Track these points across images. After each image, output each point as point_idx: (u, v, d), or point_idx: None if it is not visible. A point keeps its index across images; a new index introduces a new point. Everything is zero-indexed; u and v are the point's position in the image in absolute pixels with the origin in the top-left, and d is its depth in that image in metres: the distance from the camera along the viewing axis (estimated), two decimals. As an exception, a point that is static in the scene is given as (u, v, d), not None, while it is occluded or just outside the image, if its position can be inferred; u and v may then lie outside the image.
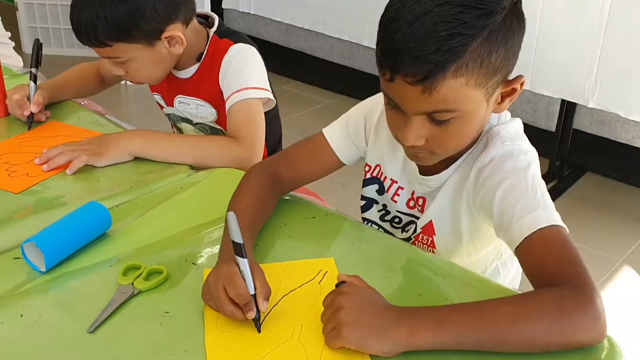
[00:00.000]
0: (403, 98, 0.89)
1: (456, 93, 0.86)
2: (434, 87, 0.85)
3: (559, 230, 0.89)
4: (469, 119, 0.91)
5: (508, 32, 0.88)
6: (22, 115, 1.40)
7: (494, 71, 0.88)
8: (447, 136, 0.92)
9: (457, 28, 0.83)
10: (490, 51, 0.86)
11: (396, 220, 1.14)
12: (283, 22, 3.42)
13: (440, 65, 0.84)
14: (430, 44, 0.83)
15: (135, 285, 0.93)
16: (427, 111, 0.89)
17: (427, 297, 0.92)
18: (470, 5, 0.84)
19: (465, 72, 0.85)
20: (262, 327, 0.85)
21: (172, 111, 1.52)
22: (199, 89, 1.44)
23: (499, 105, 0.96)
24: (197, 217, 1.11)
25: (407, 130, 0.91)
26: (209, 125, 1.48)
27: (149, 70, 1.37)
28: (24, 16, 3.90)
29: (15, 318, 0.88)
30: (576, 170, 2.83)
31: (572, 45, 2.45)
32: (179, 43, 1.34)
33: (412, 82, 0.85)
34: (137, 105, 3.37)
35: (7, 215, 1.11)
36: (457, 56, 0.84)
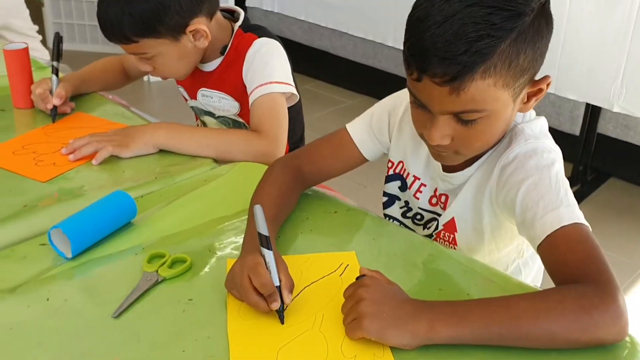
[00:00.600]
0: (430, 98, 0.89)
1: (484, 94, 0.87)
2: (462, 88, 0.85)
3: (581, 228, 0.88)
4: (495, 119, 0.92)
5: (536, 33, 0.88)
6: (45, 108, 1.43)
7: (521, 72, 0.88)
8: (473, 136, 0.93)
9: (486, 29, 0.83)
10: (518, 52, 0.86)
11: (418, 217, 1.15)
12: (307, 21, 3.43)
13: (469, 67, 0.84)
14: (459, 45, 0.83)
15: (159, 272, 0.95)
16: (454, 111, 0.89)
17: (448, 292, 0.93)
18: (499, 7, 0.84)
19: (493, 73, 0.85)
20: (284, 317, 0.86)
21: (195, 104, 1.54)
22: (222, 82, 1.45)
23: (525, 105, 0.96)
24: (220, 208, 1.12)
25: (433, 130, 0.92)
26: (232, 119, 1.49)
27: (176, 64, 1.39)
28: (49, 12, 3.96)
29: (42, 302, 0.90)
30: (600, 175, 2.81)
31: (598, 49, 2.43)
32: (203, 36, 1.35)
33: (440, 83, 0.86)
34: (160, 101, 3.40)
35: (34, 202, 1.13)
36: (485, 57, 0.84)
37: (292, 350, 0.81)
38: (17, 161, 1.26)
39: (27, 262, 0.98)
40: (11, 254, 1.00)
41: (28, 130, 1.39)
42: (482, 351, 0.80)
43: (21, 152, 1.30)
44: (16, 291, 0.92)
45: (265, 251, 0.87)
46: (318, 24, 3.39)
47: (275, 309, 0.85)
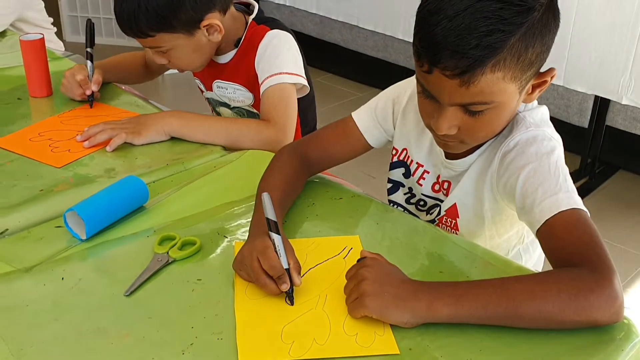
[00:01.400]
0: (440, 90, 0.92)
1: (493, 86, 0.89)
2: (472, 81, 0.88)
3: (579, 214, 0.91)
4: (501, 110, 0.94)
5: (544, 27, 0.90)
6: (81, 94, 1.45)
7: (529, 65, 0.91)
8: (479, 126, 0.95)
9: (497, 24, 0.85)
10: (527, 46, 0.88)
11: (421, 203, 1.17)
12: (318, 14, 3.45)
13: (479, 61, 0.86)
14: (470, 40, 0.85)
15: (170, 254, 0.98)
16: (462, 103, 0.92)
17: (448, 275, 0.96)
18: (510, 2, 0.86)
19: (502, 66, 0.88)
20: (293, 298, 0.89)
21: (211, 95, 1.57)
22: (237, 74, 1.48)
23: (529, 96, 0.98)
24: (229, 194, 1.15)
25: (441, 120, 0.94)
26: (246, 109, 1.52)
27: (190, 58, 1.42)
28: (65, 5, 4.01)
29: (57, 281, 0.94)
30: (608, 168, 2.81)
31: (607, 41, 2.44)
32: (217, 31, 1.38)
33: (451, 76, 0.88)
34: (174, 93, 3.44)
35: (50, 187, 1.17)
36: (496, 52, 0.86)
37: (296, 328, 0.85)
38: (34, 147, 1.31)
39: (44, 243, 1.02)
40: (28, 235, 1.04)
41: (44, 118, 1.43)
42: (479, 330, 0.83)
43: (37, 139, 1.34)
44: (33, 270, 0.96)
45: (274, 235, 0.91)
46: (329, 16, 3.41)
47: (285, 290, 0.88)
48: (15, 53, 1.66)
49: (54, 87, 1.54)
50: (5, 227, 1.05)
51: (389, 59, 3.25)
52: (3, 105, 1.49)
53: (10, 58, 1.73)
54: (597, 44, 2.46)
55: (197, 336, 0.83)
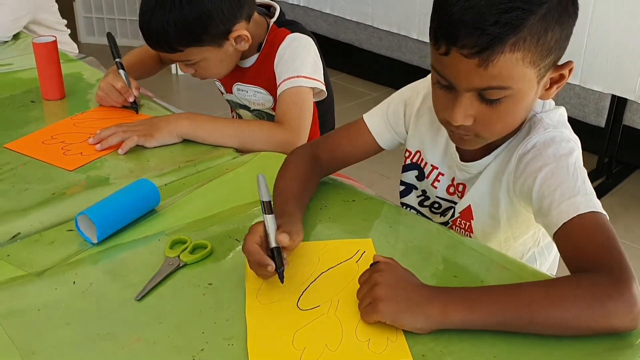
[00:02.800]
0: (457, 73, 0.89)
1: (511, 69, 0.86)
2: (491, 60, 0.85)
3: (598, 217, 0.89)
4: (519, 99, 0.91)
5: (564, 12, 0.88)
6: (123, 102, 1.45)
7: (548, 51, 0.88)
8: (495, 116, 0.92)
9: (516, 2, 0.83)
10: (547, 29, 0.86)
11: (435, 205, 1.16)
12: (332, 15, 3.44)
13: (499, 38, 0.84)
14: (489, 17, 0.83)
15: (181, 258, 0.97)
16: (480, 87, 0.89)
17: (463, 279, 0.94)
18: None
19: (522, 47, 0.85)
20: (300, 300, 0.89)
21: (231, 98, 1.57)
22: (257, 77, 1.48)
23: (547, 92, 0.96)
24: (240, 197, 1.14)
25: (456, 109, 0.91)
26: (266, 112, 1.52)
27: (218, 68, 1.42)
28: (80, 6, 4.03)
29: (69, 284, 0.94)
30: (625, 168, 2.78)
31: (624, 40, 2.40)
32: (244, 40, 1.38)
33: (469, 55, 0.85)
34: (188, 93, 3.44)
35: (62, 190, 1.17)
36: (515, 30, 0.84)
37: (307, 333, 0.84)
38: (46, 150, 1.31)
39: (55, 246, 1.02)
40: (40, 239, 1.04)
41: (57, 121, 1.43)
42: (493, 337, 0.81)
43: (50, 141, 1.34)
44: (44, 274, 0.96)
45: (266, 216, 0.92)
46: (343, 17, 3.39)
47: (271, 271, 0.89)
48: (28, 55, 1.67)
49: (67, 90, 1.54)
50: (18, 230, 1.05)
51: (403, 59, 3.23)
52: (16, 107, 1.50)
53: (24, 60, 1.74)
54: (614, 43, 2.43)
55: (207, 341, 0.83)
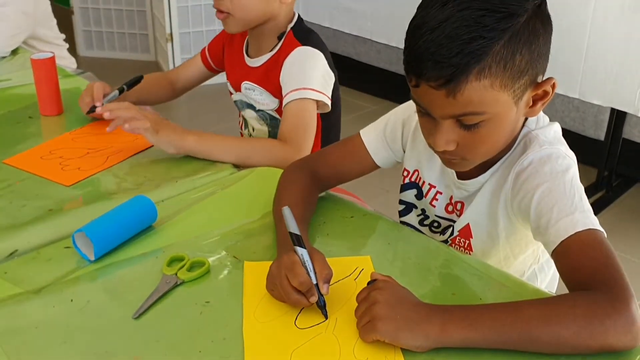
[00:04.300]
0: (430, 103, 0.91)
1: (481, 95, 0.87)
2: (458, 90, 0.86)
3: (596, 234, 0.89)
4: (498, 122, 0.92)
5: (532, 34, 0.88)
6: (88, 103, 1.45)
7: (519, 73, 0.89)
8: (478, 140, 0.93)
9: (478, 31, 0.84)
10: (513, 53, 0.87)
11: (435, 224, 1.16)
12: (331, 28, 3.45)
13: (462, 68, 0.85)
14: (452, 48, 0.84)
15: (178, 275, 0.97)
16: (454, 114, 0.90)
17: (461, 297, 0.94)
18: (491, 9, 0.85)
19: (488, 74, 0.86)
20: (297, 318, 0.88)
21: (239, 97, 1.57)
22: (264, 79, 1.49)
23: (532, 109, 0.96)
24: (238, 213, 1.14)
25: (438, 136, 0.93)
26: (269, 114, 1.52)
27: (253, 3, 1.40)
28: (79, 20, 4.05)
29: (66, 302, 0.93)
30: (625, 181, 2.78)
31: (623, 54, 2.41)
32: None
33: (436, 87, 0.87)
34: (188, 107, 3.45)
35: (59, 206, 1.17)
36: (479, 59, 0.85)
37: (305, 352, 0.83)
38: (45, 166, 1.31)
39: (52, 264, 1.02)
40: (37, 256, 1.04)
41: (55, 137, 1.43)
42: (492, 355, 0.81)
43: (48, 157, 1.34)
44: (42, 292, 0.95)
45: (299, 249, 0.90)
46: (342, 30, 3.41)
47: (314, 302, 0.88)
48: (26, 71, 1.67)
49: (64, 105, 1.54)
50: (15, 247, 1.05)
51: (401, 72, 3.20)
52: (14, 123, 1.50)
53: (22, 76, 1.74)
54: (613, 56, 2.43)
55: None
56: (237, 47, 1.56)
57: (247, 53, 1.53)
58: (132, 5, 3.98)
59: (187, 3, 3.60)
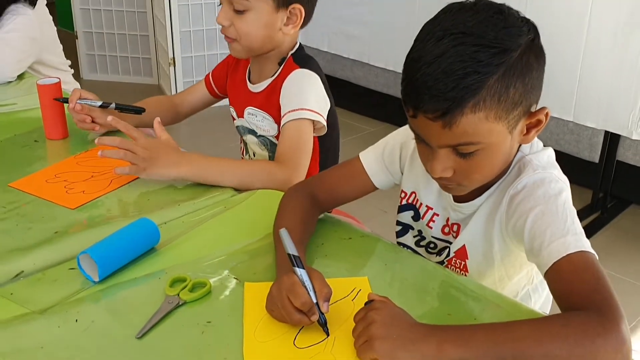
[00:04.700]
0: (427, 132, 0.95)
1: (476, 127, 0.91)
2: (454, 122, 0.90)
3: (587, 256, 0.91)
4: (493, 151, 0.96)
5: (525, 67, 0.92)
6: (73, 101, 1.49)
7: (513, 105, 0.93)
8: (473, 167, 0.97)
9: (473, 66, 0.88)
10: (507, 86, 0.91)
11: (431, 245, 1.18)
12: (329, 52, 3.51)
13: (457, 102, 0.89)
14: (448, 82, 0.88)
15: (180, 296, 1.00)
16: (450, 144, 0.94)
17: (456, 317, 0.96)
18: (486, 45, 0.89)
19: (483, 107, 0.90)
20: (297, 338, 0.91)
21: (241, 122, 1.60)
22: (266, 104, 1.52)
23: (526, 137, 1.00)
24: (239, 234, 1.17)
25: (434, 163, 0.97)
26: (270, 140, 1.55)
27: (257, 29, 1.42)
28: (83, 44, 4.10)
29: (71, 322, 0.96)
30: (620, 203, 2.81)
31: (616, 77, 2.45)
32: (292, 24, 1.43)
33: (433, 118, 0.91)
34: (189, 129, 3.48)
35: (64, 229, 1.20)
36: (473, 93, 0.89)
37: (304, 371, 0.85)
38: (50, 189, 1.33)
39: (58, 285, 1.04)
40: (43, 277, 1.06)
41: (60, 160, 1.46)
42: (486, 373, 0.83)
43: (54, 180, 1.37)
44: (47, 312, 0.98)
45: (298, 270, 0.92)
46: (340, 54, 3.47)
47: (315, 320, 0.90)
48: (32, 95, 1.70)
49: (69, 129, 1.57)
50: (21, 269, 1.07)
51: (399, 95, 3.25)
52: (20, 147, 1.53)
53: (27, 100, 1.77)
54: (606, 79, 2.48)
55: (206, 379, 0.84)
56: (241, 74, 1.60)
57: (249, 79, 1.57)
58: (135, 30, 4.04)
59: (189, 28, 3.66)
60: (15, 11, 2.02)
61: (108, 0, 3.98)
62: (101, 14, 4.02)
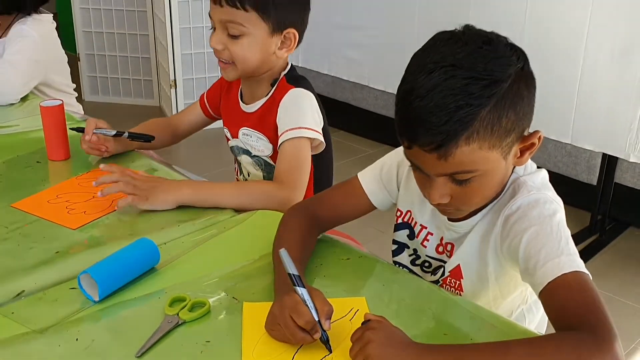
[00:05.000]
0: (423, 163, 0.97)
1: (471, 156, 0.93)
2: (449, 154, 0.92)
3: (581, 276, 0.93)
4: (489, 176, 0.98)
5: (516, 96, 0.94)
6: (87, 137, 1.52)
7: (506, 133, 0.95)
8: (470, 193, 0.99)
9: (465, 99, 0.90)
10: (499, 116, 0.93)
11: (426, 264, 1.20)
12: (329, 75, 3.55)
13: (451, 135, 0.91)
14: (441, 116, 0.90)
15: (180, 315, 1.01)
16: (446, 173, 0.96)
17: (453, 337, 0.97)
18: (476, 77, 0.91)
19: (477, 138, 0.92)
20: (295, 358, 0.92)
21: (236, 143, 1.62)
22: (261, 124, 1.54)
23: (520, 159, 1.02)
24: (238, 255, 1.18)
25: (432, 191, 0.99)
26: (264, 160, 1.57)
27: (252, 51, 1.43)
28: (85, 66, 4.15)
29: (71, 341, 0.97)
30: (618, 225, 2.82)
31: (613, 99, 2.48)
32: (286, 48, 1.46)
33: (428, 150, 0.93)
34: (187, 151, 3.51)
35: (65, 249, 1.21)
36: (466, 125, 0.91)
37: (302, 390, 0.86)
38: (51, 209, 1.35)
39: (58, 304, 1.05)
40: (43, 297, 1.07)
41: (62, 181, 1.48)
42: (482, 393, 0.84)
43: (55, 201, 1.39)
44: (48, 331, 0.99)
45: (299, 289, 0.93)
46: (340, 77, 3.50)
47: (317, 338, 0.91)
48: (35, 117, 1.72)
49: (71, 150, 1.59)
50: (22, 288, 1.09)
51: (398, 118, 3.31)
52: (22, 168, 1.55)
53: (30, 122, 1.79)
54: (604, 102, 2.50)
55: (205, 398, 0.85)
56: (233, 95, 1.62)
57: (242, 99, 1.59)
58: (137, 53, 4.08)
59: (190, 51, 3.70)
60: (21, 32, 2.04)
61: (110, 22, 4.03)
62: (103, 36, 4.07)
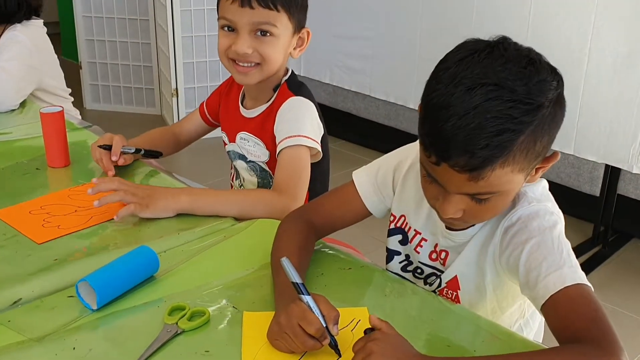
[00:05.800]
0: (447, 181, 0.93)
1: (501, 179, 0.91)
2: (481, 177, 0.90)
3: (584, 289, 0.92)
4: (507, 195, 0.97)
5: (552, 121, 0.92)
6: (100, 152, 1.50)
7: (536, 157, 0.93)
8: (485, 210, 0.97)
9: (506, 124, 0.87)
10: (535, 141, 0.91)
11: (418, 271, 1.18)
12: (331, 84, 3.55)
13: (489, 160, 0.88)
14: (480, 140, 0.86)
15: (179, 324, 0.99)
16: (469, 193, 0.94)
17: (456, 349, 0.96)
18: (519, 100, 0.87)
19: (512, 162, 0.90)
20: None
21: (233, 147, 1.61)
22: (260, 129, 1.53)
23: (533, 177, 1.01)
24: (238, 264, 1.17)
25: (447, 205, 0.96)
26: (260, 165, 1.56)
27: (278, 52, 1.44)
28: (87, 74, 4.14)
29: (68, 350, 0.95)
30: (621, 236, 2.80)
31: (617, 110, 2.47)
32: (299, 47, 1.48)
33: (460, 171, 0.90)
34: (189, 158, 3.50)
35: (64, 256, 1.20)
36: (505, 151, 0.88)
37: (302, 401, 0.85)
38: (26, 220, 1.30)
39: (56, 312, 1.04)
40: (41, 304, 1.06)
41: (61, 188, 1.46)
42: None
43: (37, 212, 1.34)
44: (45, 340, 0.97)
45: (304, 297, 0.92)
46: (342, 86, 3.50)
47: (326, 344, 0.90)
48: (34, 124, 1.72)
49: (71, 157, 1.58)
50: (19, 296, 1.07)
51: (400, 127, 3.32)
52: (21, 175, 1.54)
53: (30, 128, 1.79)
54: (606, 113, 2.49)
55: (203, 409, 0.84)
56: (233, 99, 1.61)
57: (243, 104, 1.58)
58: (139, 61, 4.08)
59: (192, 59, 3.70)
60: (13, 39, 2.05)
61: (112, 31, 4.03)
62: (105, 45, 4.07)
